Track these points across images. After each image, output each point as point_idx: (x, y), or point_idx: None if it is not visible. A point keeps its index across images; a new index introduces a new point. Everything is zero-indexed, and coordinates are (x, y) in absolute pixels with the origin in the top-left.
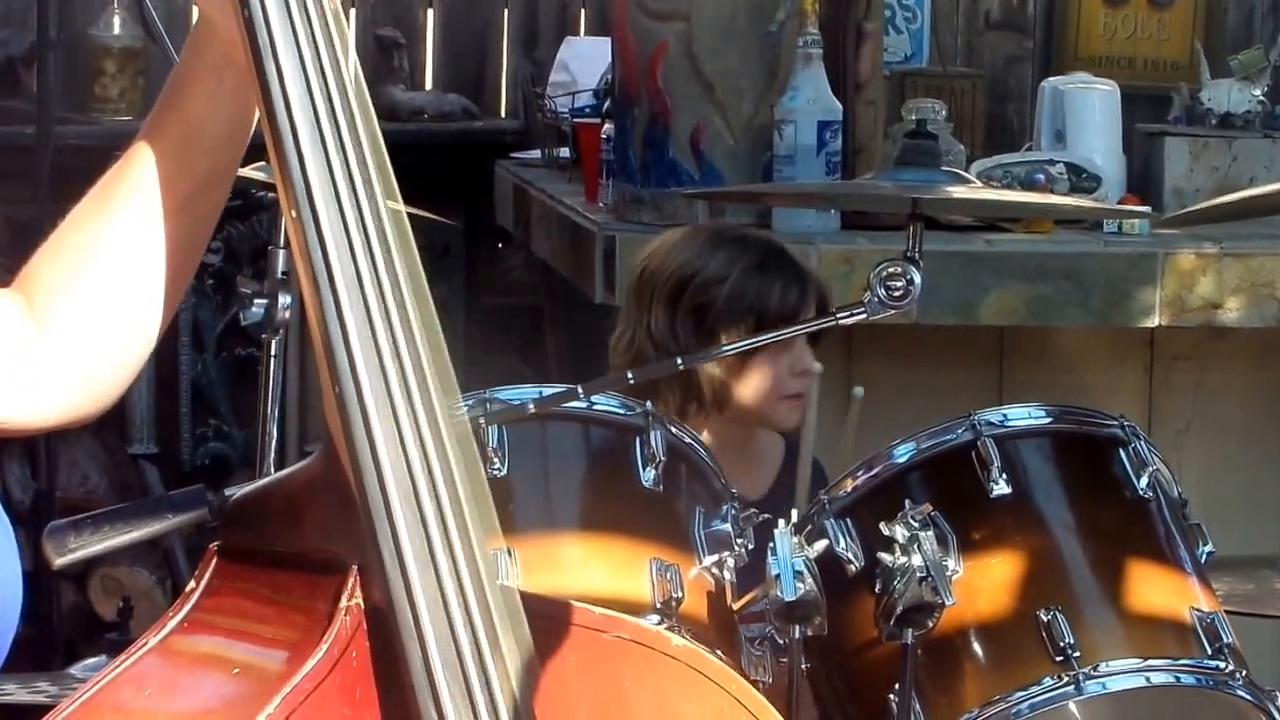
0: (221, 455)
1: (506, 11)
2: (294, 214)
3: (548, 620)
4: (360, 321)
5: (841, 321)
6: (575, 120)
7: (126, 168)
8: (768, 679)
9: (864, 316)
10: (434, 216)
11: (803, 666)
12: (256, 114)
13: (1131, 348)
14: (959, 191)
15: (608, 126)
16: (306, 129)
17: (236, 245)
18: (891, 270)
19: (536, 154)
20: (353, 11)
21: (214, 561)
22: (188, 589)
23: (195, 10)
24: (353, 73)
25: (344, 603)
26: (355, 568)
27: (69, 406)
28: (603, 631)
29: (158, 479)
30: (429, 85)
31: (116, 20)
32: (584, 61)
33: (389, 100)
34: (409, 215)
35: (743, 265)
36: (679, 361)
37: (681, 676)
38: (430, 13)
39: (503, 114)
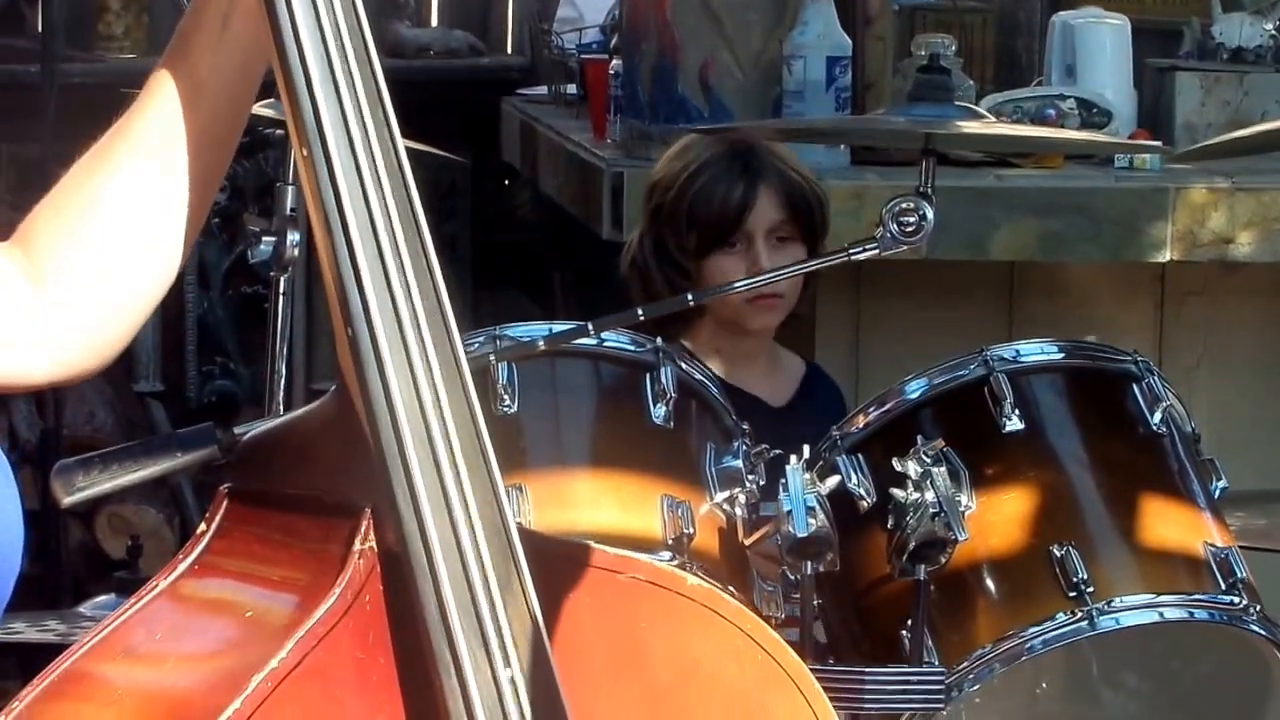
0: (228, 393)
1: None
2: (305, 152)
3: (563, 561)
4: (373, 262)
5: (854, 257)
6: (582, 57)
7: (132, 120)
8: (780, 615)
9: (876, 252)
10: (441, 153)
11: (815, 603)
12: (264, 63)
13: (1142, 283)
14: (972, 127)
15: (615, 63)
16: (317, 65)
17: (242, 183)
18: (904, 206)
19: (543, 90)
20: None
21: (224, 503)
22: (198, 531)
23: None
24: (361, 8)
25: (357, 546)
26: (368, 511)
27: (75, 361)
28: (618, 572)
29: (164, 416)
30: (435, 22)
31: None
32: None
33: (395, 37)
34: (416, 151)
35: (693, 166)
36: (689, 297)
37: (697, 616)
38: None
39: (509, 51)
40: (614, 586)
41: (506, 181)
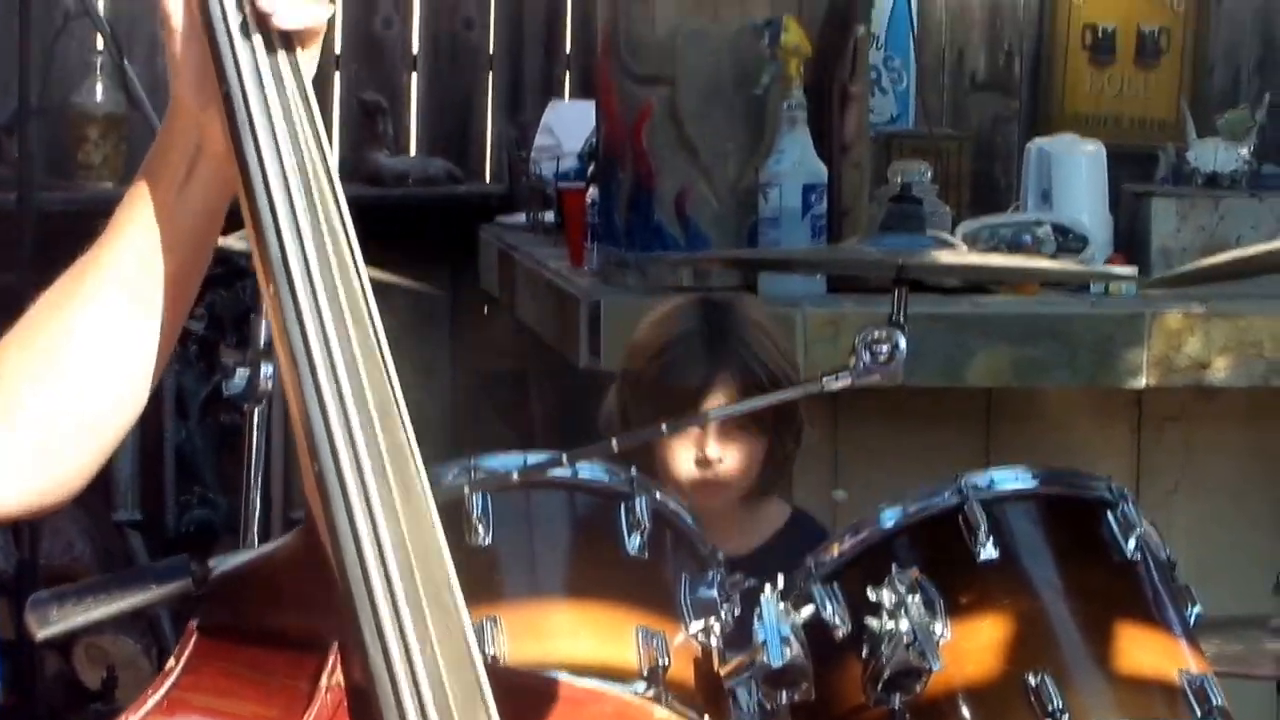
0: (206, 522)
1: (490, 75)
2: (271, 288)
3: (530, 695)
4: (337, 398)
5: (827, 387)
6: (560, 184)
7: (100, 253)
8: None
9: (849, 382)
10: (414, 284)
11: None
12: (229, 197)
13: (1119, 408)
14: (944, 256)
15: (592, 190)
16: (283, 203)
17: (220, 312)
18: (877, 335)
19: (521, 218)
20: (336, 75)
21: (193, 638)
22: (167, 667)
23: None
24: (329, 148)
25: (324, 681)
26: (335, 646)
27: (43, 492)
28: (586, 705)
29: (142, 546)
30: (413, 149)
31: (99, 87)
32: (568, 125)
33: (373, 165)
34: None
35: (662, 342)
36: (664, 428)
37: None
38: (414, 76)
39: (487, 178)
40: (582, 719)
41: (485, 309)
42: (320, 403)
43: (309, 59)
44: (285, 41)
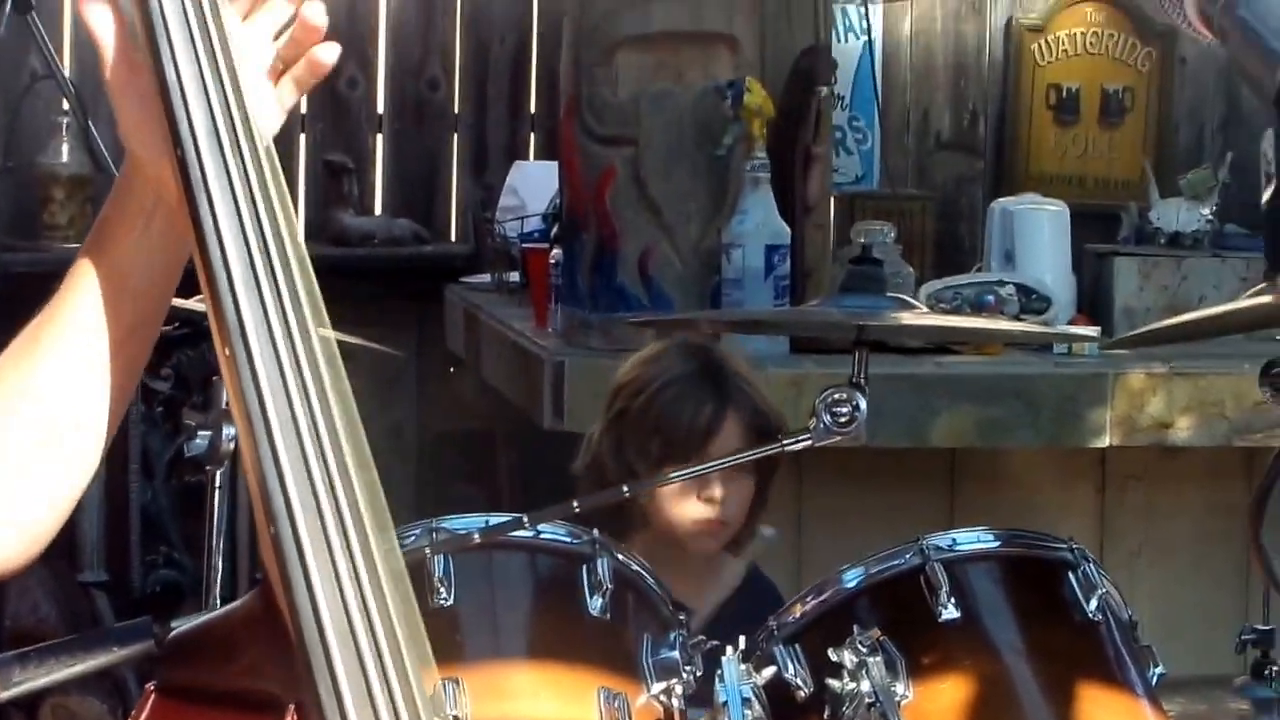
0: (173, 582)
1: (456, 136)
2: (227, 351)
3: None
4: (295, 461)
5: (788, 448)
6: (524, 245)
7: (55, 311)
8: None
9: (809, 443)
10: (376, 346)
11: None
12: (185, 256)
13: (1083, 468)
14: (904, 317)
15: (556, 251)
16: (239, 265)
17: (186, 372)
18: (837, 397)
19: (487, 278)
20: (301, 136)
21: (151, 699)
22: None
23: None
24: (290, 207)
25: None
26: (292, 707)
27: (2, 558)
28: None
29: (108, 606)
30: (379, 210)
31: (65, 148)
32: (533, 185)
33: (339, 225)
34: (355, 341)
35: (663, 379)
36: (625, 489)
37: None
38: (379, 137)
39: (453, 238)
40: None
41: (451, 369)
42: (276, 465)
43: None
44: (243, 113)
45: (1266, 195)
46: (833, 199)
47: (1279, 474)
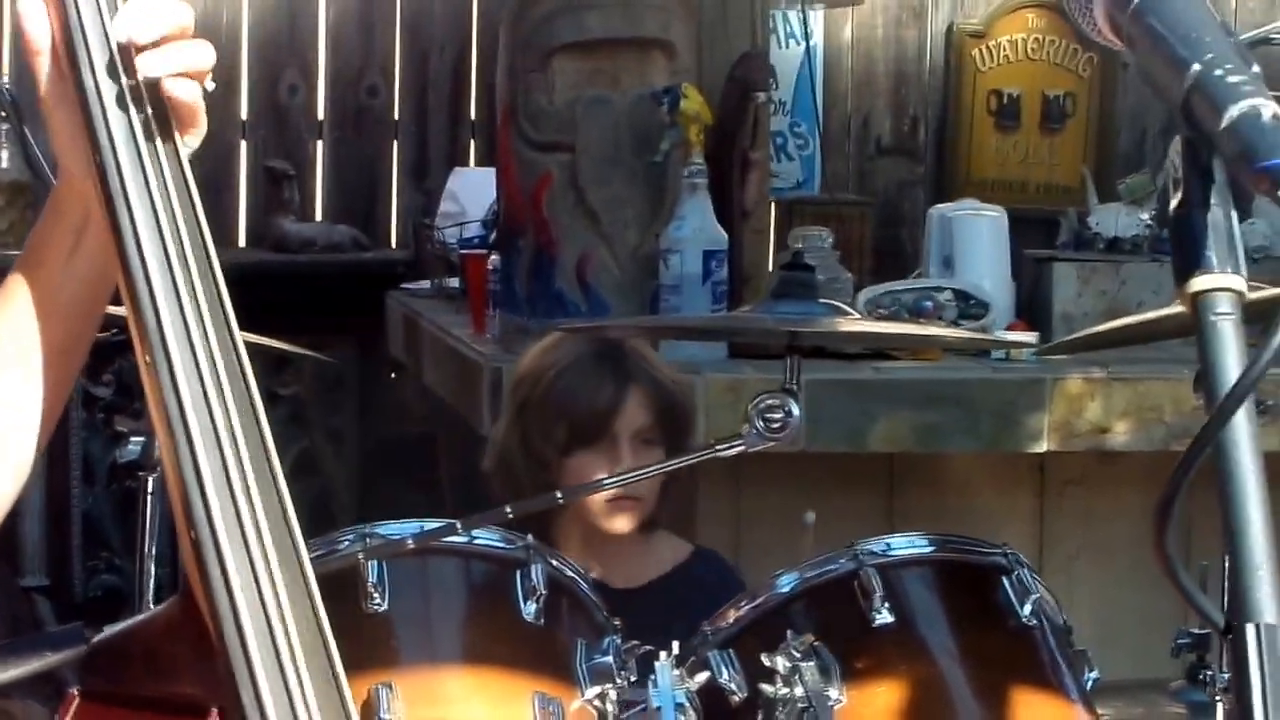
0: (114, 587)
1: (396, 142)
2: (148, 359)
3: None
4: (215, 467)
5: (720, 453)
6: (463, 251)
7: None
8: None
9: (742, 449)
10: (311, 354)
11: None
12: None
13: (1022, 473)
14: (836, 324)
15: (494, 257)
16: (159, 274)
17: (127, 378)
18: (770, 402)
19: (426, 284)
20: (242, 143)
21: (74, 705)
22: None
23: None
24: (202, 215)
25: None
26: (215, 711)
27: None
28: None
29: (50, 611)
30: (319, 216)
31: (3, 155)
32: (473, 191)
33: (279, 232)
34: (292, 349)
35: (562, 363)
36: (558, 495)
37: None
38: (320, 144)
39: (393, 244)
40: None
41: (393, 374)
42: (196, 471)
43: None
44: (162, 121)
45: (1173, 204)
46: (772, 204)
47: (1181, 482)
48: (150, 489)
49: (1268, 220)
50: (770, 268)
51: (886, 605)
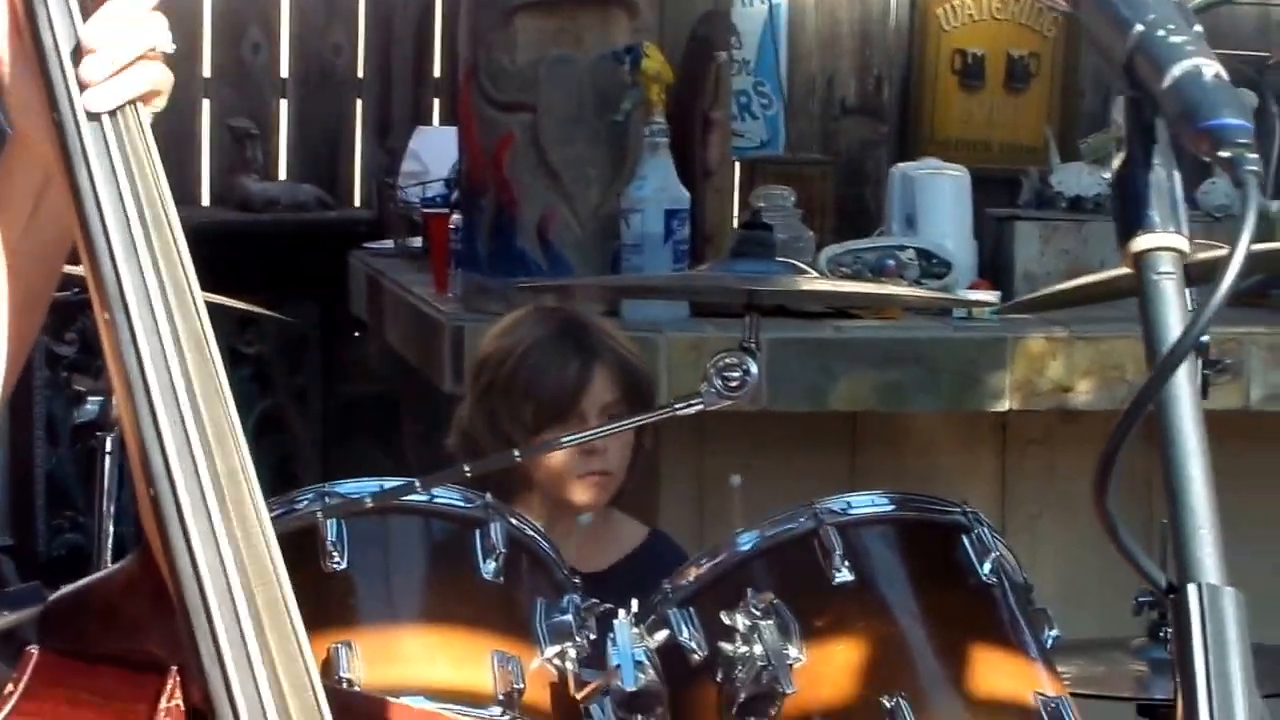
0: (77, 546)
1: (360, 101)
2: (106, 316)
3: (369, 718)
4: (174, 424)
5: (679, 412)
6: (425, 210)
7: None
8: None
9: (700, 407)
10: (272, 314)
11: None
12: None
13: (984, 432)
14: (796, 282)
15: (456, 217)
16: (118, 231)
17: (91, 338)
18: (728, 361)
19: (389, 244)
20: (205, 101)
21: (33, 663)
22: (5, 692)
23: None
24: (161, 172)
25: (163, 704)
26: (175, 669)
27: None
28: None
29: (13, 571)
30: (283, 175)
31: None
32: (436, 151)
33: (243, 191)
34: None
35: (526, 343)
36: (515, 454)
37: None
38: (283, 103)
39: (357, 204)
40: None
41: (356, 333)
42: (155, 428)
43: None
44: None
45: (1116, 164)
46: (735, 164)
47: (1121, 441)
48: (109, 448)
49: (1230, 179)
50: (732, 227)
51: (846, 564)
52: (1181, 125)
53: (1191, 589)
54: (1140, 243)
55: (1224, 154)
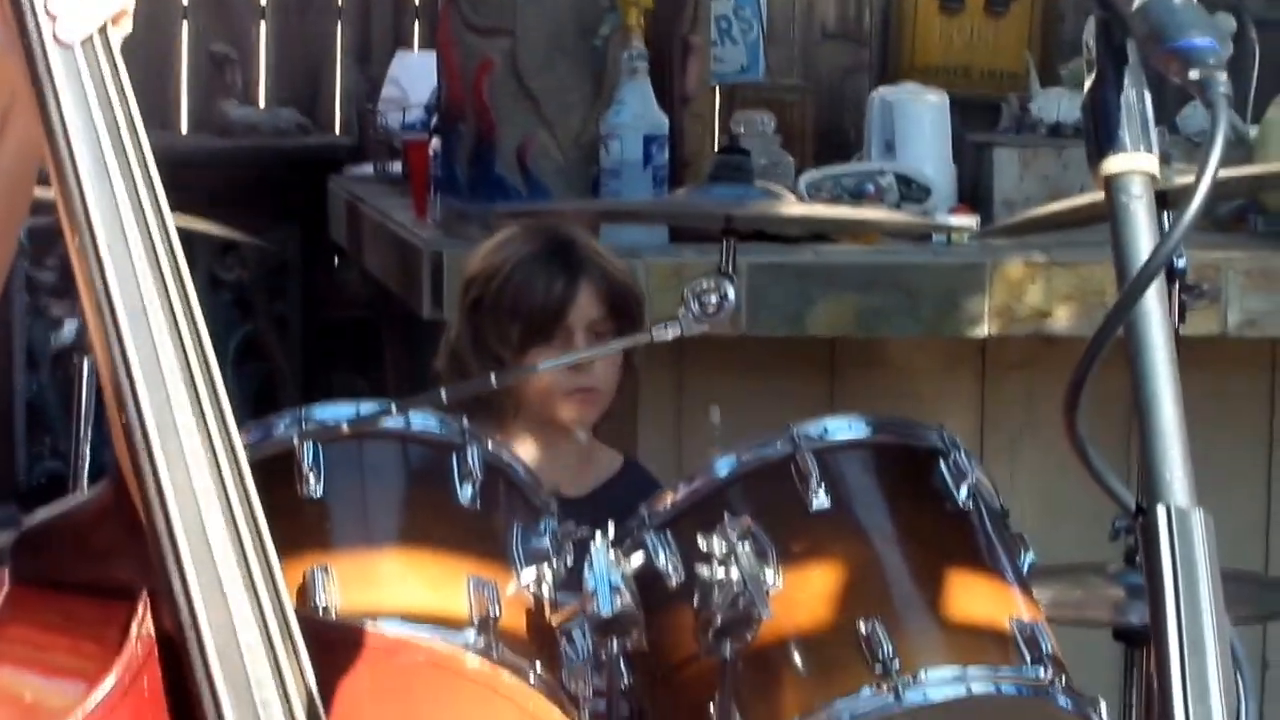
0: (58, 473)
1: (340, 25)
2: (75, 241)
3: (341, 644)
4: (144, 348)
5: (656, 337)
6: (405, 136)
7: None
8: (589, 693)
9: (678, 332)
10: (249, 239)
11: (624, 681)
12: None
13: (963, 357)
14: (773, 206)
15: (436, 142)
16: (88, 154)
17: (70, 264)
18: (705, 285)
19: (369, 169)
20: (184, 25)
21: (4, 590)
22: None
23: None
24: (130, 95)
25: (135, 630)
26: (145, 595)
27: None
28: (397, 654)
29: None
30: (262, 100)
31: None
32: (416, 76)
33: (222, 116)
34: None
35: (512, 261)
36: (493, 378)
37: (478, 697)
38: (263, 27)
39: (337, 130)
40: (393, 668)
41: (336, 260)
42: (124, 353)
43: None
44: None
45: (1086, 85)
46: (715, 89)
47: (1091, 363)
48: (85, 373)
49: (1200, 101)
50: (711, 153)
51: (823, 488)
52: (1150, 46)
53: (1160, 510)
54: (1111, 164)
55: (1193, 75)
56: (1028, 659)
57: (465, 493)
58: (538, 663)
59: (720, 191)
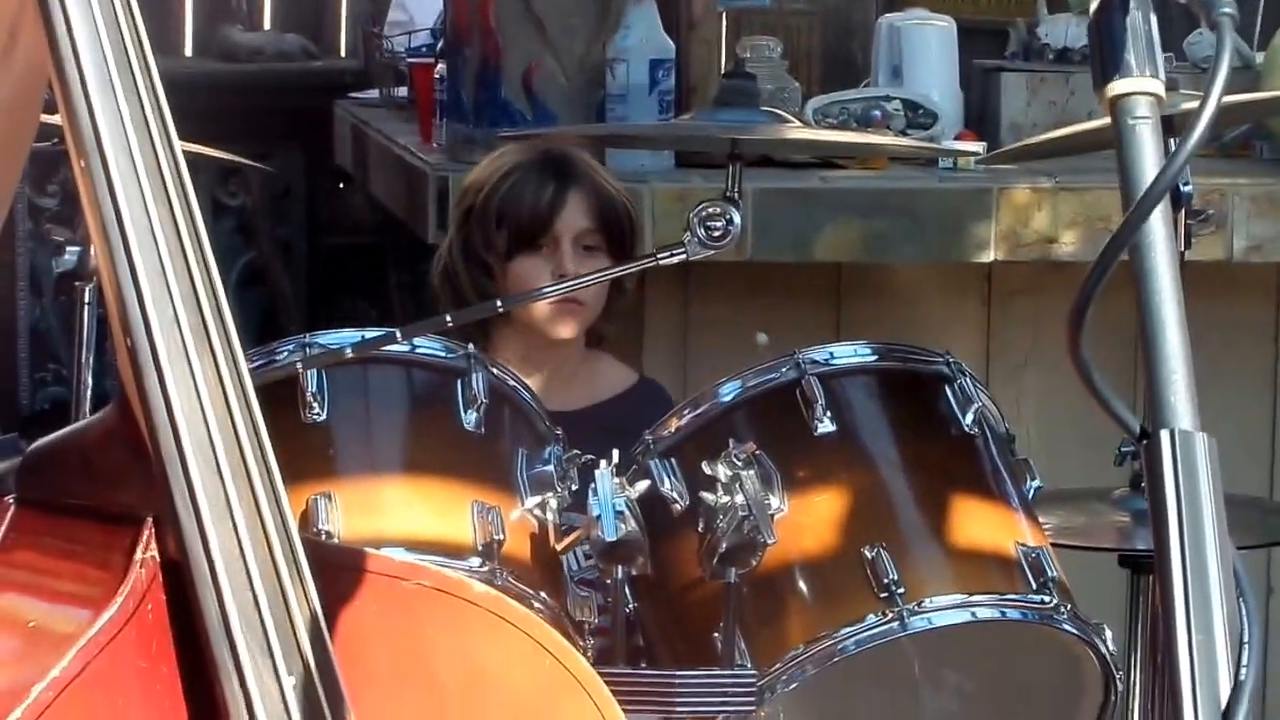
0: (61, 399)
1: None
2: (82, 163)
3: (347, 569)
4: (153, 273)
5: (661, 262)
6: (410, 60)
7: None
8: (594, 619)
9: (684, 257)
10: (257, 165)
11: (629, 606)
12: (44, 88)
13: (969, 282)
14: (779, 131)
15: (441, 66)
16: (95, 74)
17: (73, 190)
18: (711, 210)
19: (375, 94)
20: None
21: (8, 515)
22: None
23: None
24: (140, 20)
25: (139, 555)
26: (150, 520)
27: None
28: (403, 579)
29: None
30: (267, 25)
31: None
32: (421, 0)
33: (227, 41)
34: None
35: (506, 169)
36: (499, 304)
37: (483, 622)
38: None
39: (342, 54)
40: (398, 593)
41: (341, 185)
42: (133, 276)
43: None
44: None
45: (1093, 8)
46: (722, 14)
47: (1095, 286)
48: (87, 298)
49: (1204, 23)
50: (717, 78)
51: (828, 414)
52: None
53: (1164, 434)
54: (1116, 87)
55: None
56: (1033, 585)
57: (470, 418)
58: (542, 590)
59: (726, 116)
